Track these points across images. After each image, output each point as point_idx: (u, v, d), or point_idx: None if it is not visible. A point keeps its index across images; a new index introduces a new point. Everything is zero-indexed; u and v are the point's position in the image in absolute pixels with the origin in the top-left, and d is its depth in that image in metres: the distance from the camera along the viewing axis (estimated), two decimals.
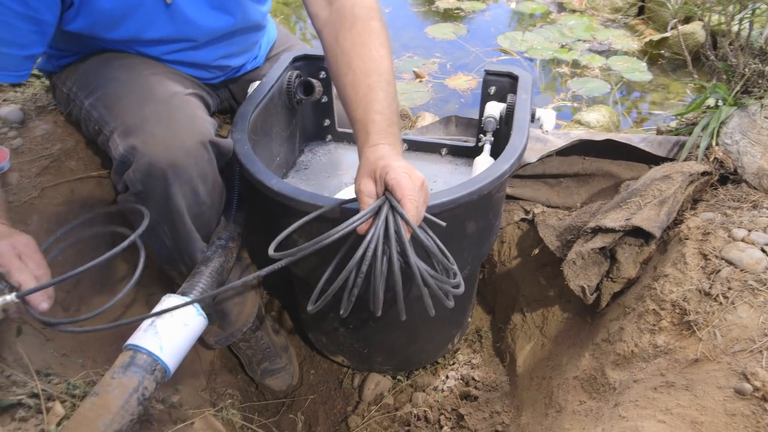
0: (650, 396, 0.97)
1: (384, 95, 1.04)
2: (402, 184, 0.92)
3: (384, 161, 0.95)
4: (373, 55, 1.08)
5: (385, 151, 0.98)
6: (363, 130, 1.02)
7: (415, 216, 0.93)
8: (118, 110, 1.15)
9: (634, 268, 1.26)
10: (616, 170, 1.54)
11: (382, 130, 1.01)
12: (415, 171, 0.96)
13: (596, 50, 3.18)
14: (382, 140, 1.00)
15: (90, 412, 0.86)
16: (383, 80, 1.06)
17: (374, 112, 1.02)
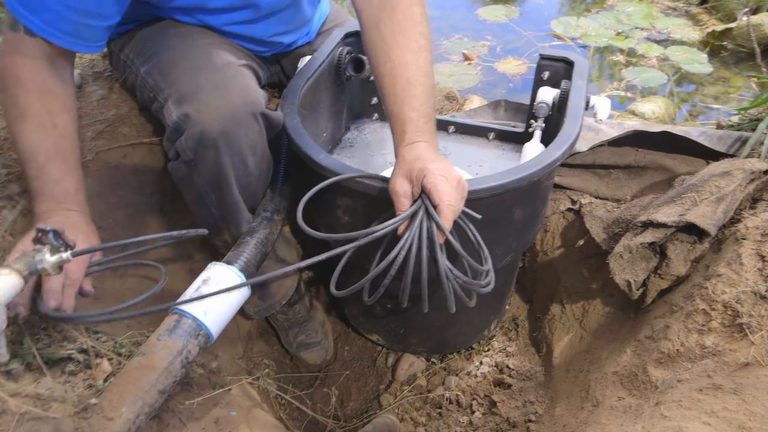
0: (695, 397, 0.95)
1: (422, 90, 1.04)
2: (439, 188, 0.93)
3: (421, 162, 0.96)
4: (412, 46, 1.07)
5: (421, 150, 0.99)
6: (399, 127, 1.03)
7: (450, 221, 0.95)
8: (173, 77, 1.17)
9: (685, 266, 1.22)
10: (670, 164, 1.48)
11: (419, 128, 1.01)
12: (452, 170, 0.97)
13: (654, 39, 3.06)
14: (419, 138, 1.01)
15: (136, 370, 0.88)
16: (422, 74, 1.05)
17: (411, 108, 1.02)
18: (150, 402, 0.88)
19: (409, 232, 0.95)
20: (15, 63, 1.03)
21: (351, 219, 1.20)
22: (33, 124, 1.03)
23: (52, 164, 1.03)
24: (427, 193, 0.95)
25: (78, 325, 1.02)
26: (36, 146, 1.03)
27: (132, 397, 0.86)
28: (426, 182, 0.94)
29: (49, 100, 1.05)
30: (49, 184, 1.03)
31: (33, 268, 0.84)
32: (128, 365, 0.90)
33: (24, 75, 1.03)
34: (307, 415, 1.52)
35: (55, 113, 1.05)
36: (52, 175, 1.03)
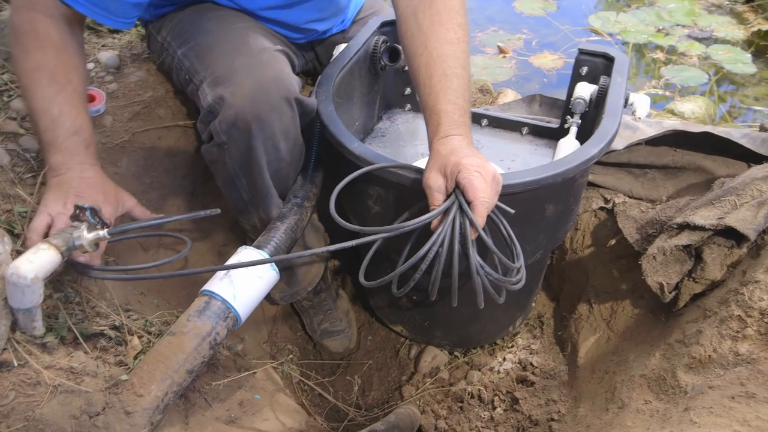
0: (727, 404, 0.92)
1: (458, 83, 1.03)
2: (474, 185, 0.93)
3: (455, 157, 0.95)
4: (450, 37, 1.06)
5: (455, 144, 0.98)
6: (434, 119, 1.02)
7: (483, 218, 0.95)
8: (209, 60, 1.17)
9: (720, 271, 1.19)
10: (710, 166, 1.45)
11: (454, 121, 1.00)
12: (487, 165, 0.96)
13: (696, 37, 2.98)
14: (453, 131, 1.00)
15: (166, 349, 0.90)
16: (459, 66, 1.04)
17: (447, 101, 1.01)
18: (178, 381, 0.89)
19: (442, 228, 0.95)
20: (32, 18, 1.03)
21: (381, 209, 1.19)
22: (48, 78, 1.02)
23: (66, 117, 1.02)
24: (462, 188, 0.94)
25: (105, 278, 1.04)
26: (50, 99, 1.02)
27: (161, 375, 0.87)
28: (460, 178, 0.94)
29: (65, 57, 1.04)
30: (63, 137, 1.02)
31: (71, 244, 0.86)
32: (158, 344, 0.92)
33: (41, 30, 1.03)
34: (329, 402, 1.53)
35: (69, 70, 1.05)
36: (66, 127, 1.02)
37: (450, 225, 0.95)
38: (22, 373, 0.87)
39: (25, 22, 1.03)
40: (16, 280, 0.81)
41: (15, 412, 0.83)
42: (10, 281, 0.82)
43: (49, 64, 1.03)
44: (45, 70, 1.02)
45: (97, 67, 1.47)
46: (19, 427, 0.82)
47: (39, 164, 1.18)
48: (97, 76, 1.43)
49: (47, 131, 1.02)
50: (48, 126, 1.02)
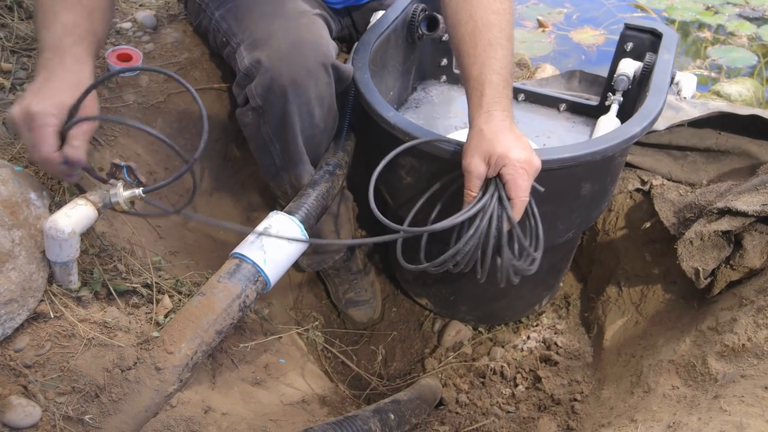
0: (759, 394, 0.90)
1: (503, 53, 1.00)
2: (518, 183, 0.93)
3: (501, 147, 0.93)
4: (496, 6, 1.03)
5: (499, 124, 0.95)
6: (477, 90, 0.99)
7: (521, 214, 0.96)
8: (247, 23, 1.16)
9: (761, 259, 1.15)
10: (755, 150, 1.40)
11: (498, 93, 0.98)
12: (533, 159, 0.94)
13: (747, 16, 2.85)
14: (497, 105, 0.97)
15: (196, 309, 0.91)
16: (504, 36, 1.01)
17: (492, 71, 0.98)
18: (208, 341, 0.91)
19: (478, 222, 0.95)
20: None
21: (414, 180, 1.18)
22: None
23: (68, 12, 0.92)
24: (504, 183, 0.94)
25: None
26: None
27: (191, 334, 0.89)
28: (505, 172, 0.93)
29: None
30: (60, 31, 0.90)
31: (107, 201, 0.87)
32: (189, 304, 0.93)
33: None
34: (352, 371, 1.55)
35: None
36: (65, 21, 0.91)
37: (488, 219, 0.95)
38: (58, 324, 0.89)
39: None
40: (54, 233, 0.83)
41: (50, 362, 0.86)
42: (48, 235, 0.84)
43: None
44: None
45: (134, 26, 1.47)
46: (54, 377, 0.84)
47: None
48: (134, 36, 1.44)
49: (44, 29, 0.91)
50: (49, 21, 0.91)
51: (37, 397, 0.81)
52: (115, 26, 1.44)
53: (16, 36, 1.29)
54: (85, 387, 0.84)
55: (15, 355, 0.84)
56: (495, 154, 0.93)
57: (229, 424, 0.97)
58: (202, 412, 0.95)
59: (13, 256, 0.85)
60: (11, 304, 0.83)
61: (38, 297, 0.88)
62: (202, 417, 0.94)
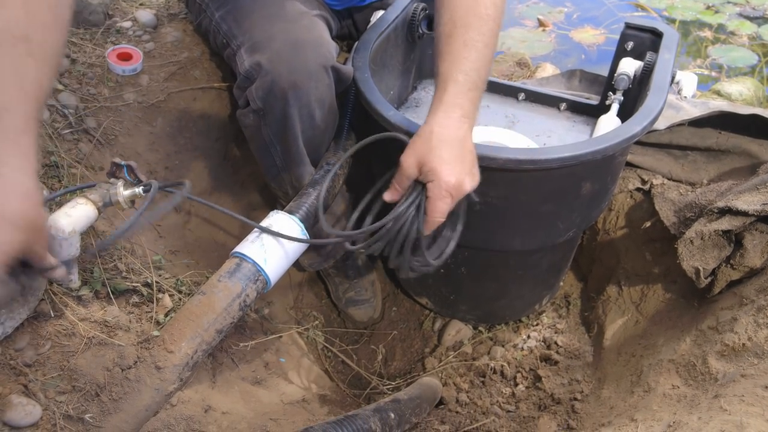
0: (760, 394, 0.90)
1: (476, 56, 0.98)
2: (437, 206, 0.94)
3: (437, 160, 0.92)
4: (480, 11, 1.01)
5: (451, 132, 0.94)
6: (442, 86, 0.97)
7: (429, 231, 0.98)
8: (247, 25, 1.16)
9: (761, 258, 1.15)
10: (756, 150, 1.39)
11: (461, 94, 0.96)
12: (463, 185, 0.94)
13: (748, 16, 2.85)
14: (457, 108, 0.95)
15: (196, 308, 0.91)
16: (481, 40, 0.99)
17: (459, 71, 0.96)
18: (208, 340, 0.91)
19: (392, 224, 0.97)
20: None
21: None
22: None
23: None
24: (426, 197, 0.95)
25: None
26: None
27: (192, 333, 0.89)
28: (430, 188, 0.94)
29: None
30: None
31: (107, 200, 0.87)
32: (189, 303, 0.93)
33: None
34: (352, 370, 1.55)
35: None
36: None
37: (400, 225, 0.97)
38: (59, 323, 0.89)
39: None
40: (54, 232, 0.83)
41: (51, 361, 0.86)
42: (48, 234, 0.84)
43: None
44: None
45: (135, 25, 1.47)
46: (54, 376, 0.84)
47: (77, 120, 1.20)
48: (134, 35, 1.44)
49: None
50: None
51: (37, 396, 0.81)
52: (116, 25, 1.44)
53: None
54: (86, 386, 0.84)
55: (15, 354, 0.84)
56: (428, 165, 0.93)
57: (229, 423, 0.97)
58: (202, 411, 0.96)
59: None
60: (12, 303, 0.83)
61: (38, 296, 0.88)
62: (202, 416, 0.94)
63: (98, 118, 1.23)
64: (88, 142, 1.19)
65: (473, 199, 1.01)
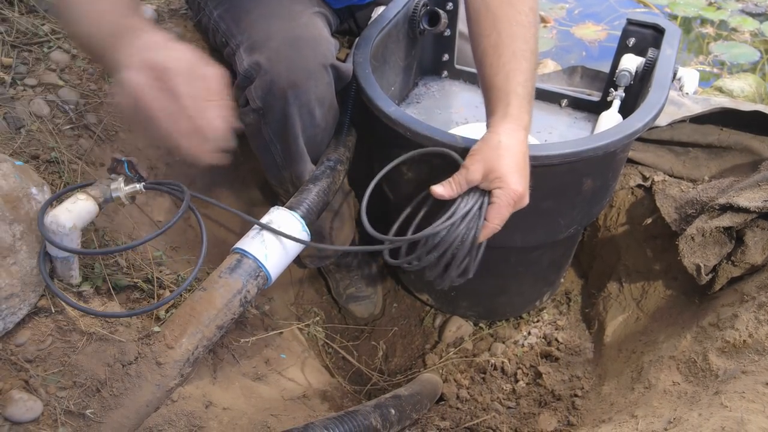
0: (760, 390, 0.90)
1: (527, 66, 0.99)
2: (501, 212, 0.95)
3: (506, 169, 0.93)
4: (521, 19, 1.01)
5: (517, 146, 0.95)
6: (503, 100, 0.98)
7: (485, 238, 0.99)
8: (246, 24, 1.16)
9: (762, 255, 1.15)
10: (757, 146, 1.39)
11: (523, 108, 0.97)
12: (526, 195, 0.96)
13: (750, 12, 2.84)
14: (521, 122, 0.97)
15: (197, 304, 0.91)
16: (528, 49, 1.00)
17: (517, 83, 0.98)
18: (209, 336, 0.91)
19: (456, 224, 0.96)
20: None
21: (415, 175, 1.18)
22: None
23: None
24: (489, 205, 0.96)
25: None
26: None
27: (192, 329, 0.89)
28: (496, 194, 0.95)
29: None
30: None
31: (108, 195, 0.87)
32: (190, 299, 0.93)
33: None
34: (353, 366, 1.55)
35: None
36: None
37: (463, 225, 0.96)
38: (59, 319, 0.89)
39: None
40: (55, 228, 0.83)
41: (51, 356, 0.86)
42: (49, 229, 0.84)
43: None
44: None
45: None
46: (55, 372, 0.84)
47: (77, 116, 1.19)
48: None
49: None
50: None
51: (38, 392, 0.81)
52: None
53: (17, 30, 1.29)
54: (86, 381, 0.84)
55: (16, 349, 0.84)
56: (496, 173, 0.93)
57: (230, 419, 0.97)
58: (203, 407, 0.96)
59: (14, 250, 0.85)
60: (12, 299, 0.83)
61: (39, 292, 0.88)
62: (203, 412, 0.94)
63: (99, 114, 1.23)
64: (88, 138, 1.19)
65: None
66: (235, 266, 0.95)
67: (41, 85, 1.21)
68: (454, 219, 0.96)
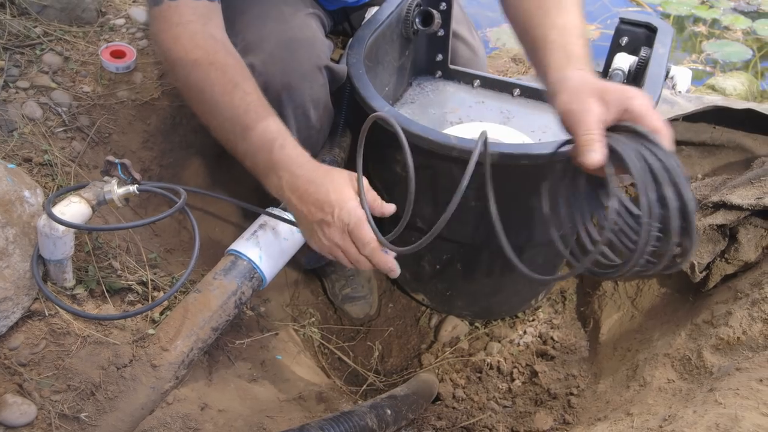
0: (754, 387, 0.91)
1: (576, 17, 0.90)
2: (655, 112, 0.75)
3: (615, 86, 0.77)
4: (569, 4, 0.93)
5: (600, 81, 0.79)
6: (564, 53, 0.85)
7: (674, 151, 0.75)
8: (240, 25, 1.15)
9: (755, 252, 1.16)
10: (750, 144, 1.40)
11: (586, 61, 0.85)
12: None
13: (742, 10, 2.85)
14: (591, 70, 0.85)
15: (192, 306, 0.91)
16: (572, 2, 0.92)
17: (575, 36, 0.87)
18: (203, 338, 0.91)
19: (648, 188, 0.69)
20: (191, 38, 0.91)
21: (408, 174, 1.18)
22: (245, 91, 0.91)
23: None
24: (637, 116, 0.73)
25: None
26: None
27: (187, 331, 0.89)
28: (635, 105, 0.74)
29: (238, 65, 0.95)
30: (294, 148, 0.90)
31: (101, 198, 0.86)
32: (185, 301, 0.93)
33: (210, 49, 0.92)
34: (349, 367, 1.55)
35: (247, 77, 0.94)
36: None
37: (645, 167, 0.68)
38: (53, 322, 0.89)
39: (189, 47, 0.91)
40: (48, 231, 0.83)
41: (45, 360, 0.85)
42: (42, 232, 0.84)
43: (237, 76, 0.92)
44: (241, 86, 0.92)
45: (128, 23, 1.46)
46: (49, 375, 0.84)
47: (70, 119, 1.19)
48: (128, 32, 1.43)
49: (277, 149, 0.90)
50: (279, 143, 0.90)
51: (32, 396, 0.81)
52: (109, 22, 1.44)
53: (9, 33, 1.29)
54: (81, 385, 0.84)
55: (10, 353, 0.84)
56: (612, 90, 0.76)
57: (225, 420, 0.97)
58: (198, 408, 0.95)
59: (7, 254, 0.84)
60: (5, 303, 0.83)
61: (33, 295, 0.88)
62: (198, 414, 0.94)
63: (92, 116, 1.23)
64: (81, 141, 1.19)
65: None
66: (229, 268, 0.95)
67: (34, 88, 1.20)
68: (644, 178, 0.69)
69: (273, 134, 0.89)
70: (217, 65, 0.91)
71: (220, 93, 0.89)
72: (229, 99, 0.89)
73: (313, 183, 0.87)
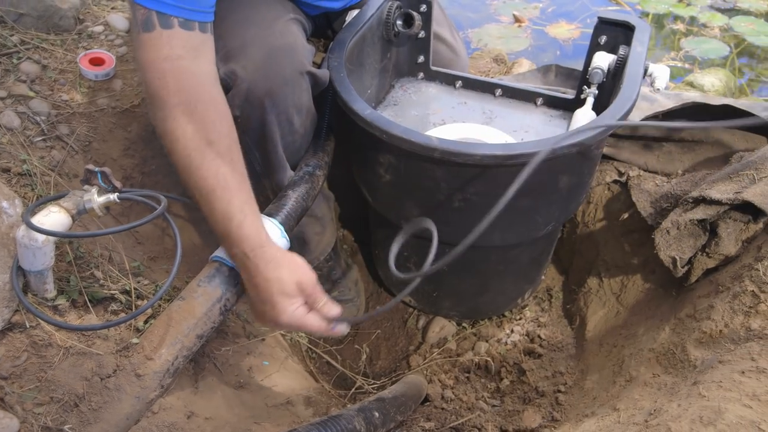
0: (737, 379, 0.92)
1: None
2: None
3: None
4: None
5: None
6: None
7: None
8: (221, 31, 1.15)
9: (735, 246, 1.17)
10: (728, 139, 1.42)
11: None
12: None
13: (718, 8, 2.90)
14: None
15: (176, 314, 0.90)
16: None
17: None
18: (188, 345, 0.90)
19: None
20: (175, 70, 0.87)
21: (393, 177, 1.18)
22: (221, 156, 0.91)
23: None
24: None
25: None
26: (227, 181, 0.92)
27: (172, 339, 0.88)
28: None
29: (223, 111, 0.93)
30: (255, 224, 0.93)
31: (81, 207, 0.86)
32: (169, 309, 0.92)
33: (192, 83, 0.89)
34: (337, 370, 1.55)
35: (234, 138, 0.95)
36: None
37: None
38: (35, 334, 0.88)
39: (172, 77, 0.88)
40: (27, 242, 0.82)
41: (27, 372, 0.84)
42: (21, 243, 0.83)
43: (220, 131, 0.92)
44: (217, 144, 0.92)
45: (106, 29, 1.45)
46: (32, 388, 0.83)
47: (49, 128, 1.18)
48: (107, 39, 1.42)
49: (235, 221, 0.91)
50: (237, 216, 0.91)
51: (14, 409, 0.80)
52: (87, 30, 1.42)
53: None
54: (64, 397, 0.83)
55: None
56: None
57: (212, 428, 0.96)
58: (184, 417, 0.95)
59: None
60: None
61: (13, 307, 0.87)
62: (185, 422, 0.93)
63: (71, 125, 1.22)
64: (61, 149, 1.17)
65: None
66: (213, 275, 0.95)
67: (11, 97, 1.19)
68: None
69: (234, 211, 0.91)
70: (197, 116, 0.88)
71: (192, 148, 0.88)
72: (200, 159, 0.89)
73: (261, 274, 0.90)
